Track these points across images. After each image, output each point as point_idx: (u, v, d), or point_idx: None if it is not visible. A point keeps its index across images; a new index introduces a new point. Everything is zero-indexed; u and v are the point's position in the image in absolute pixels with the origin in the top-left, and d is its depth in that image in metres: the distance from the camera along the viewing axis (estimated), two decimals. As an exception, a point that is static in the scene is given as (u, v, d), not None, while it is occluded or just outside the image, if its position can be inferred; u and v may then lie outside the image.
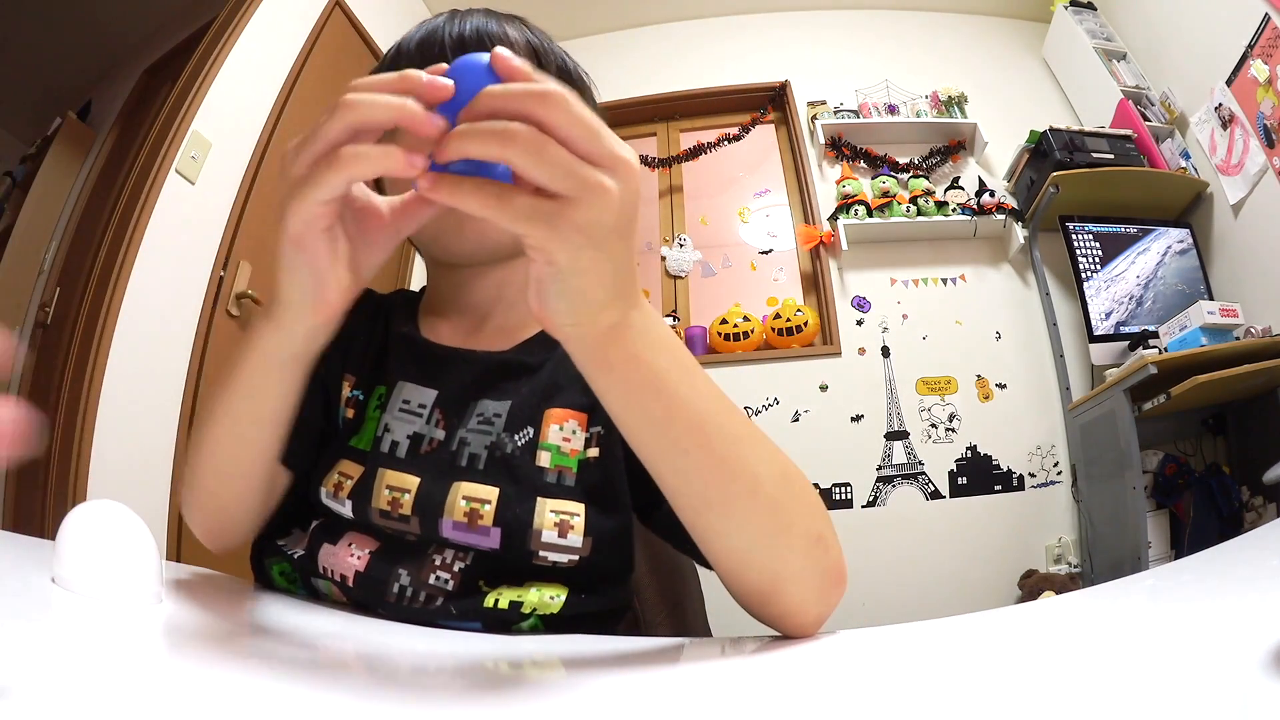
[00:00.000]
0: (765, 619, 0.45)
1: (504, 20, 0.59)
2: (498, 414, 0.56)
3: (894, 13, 3.13)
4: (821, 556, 0.44)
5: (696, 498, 0.42)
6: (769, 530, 0.42)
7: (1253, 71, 2.17)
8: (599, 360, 0.38)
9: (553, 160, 0.30)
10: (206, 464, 0.50)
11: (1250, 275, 2.30)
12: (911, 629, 0.42)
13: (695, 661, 0.42)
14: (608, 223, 0.32)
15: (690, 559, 0.52)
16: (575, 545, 0.52)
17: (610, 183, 0.31)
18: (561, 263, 0.33)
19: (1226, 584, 0.45)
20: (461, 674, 0.37)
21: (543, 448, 0.55)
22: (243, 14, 1.82)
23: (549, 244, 0.32)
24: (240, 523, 0.54)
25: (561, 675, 0.40)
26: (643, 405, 0.39)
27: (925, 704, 0.28)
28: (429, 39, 0.57)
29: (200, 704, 0.24)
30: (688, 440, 0.40)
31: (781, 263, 2.84)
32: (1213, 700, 0.23)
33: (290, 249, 0.37)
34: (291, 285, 0.40)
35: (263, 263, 1.81)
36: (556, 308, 0.35)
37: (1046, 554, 2.41)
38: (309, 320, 0.41)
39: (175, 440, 1.53)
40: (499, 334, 0.62)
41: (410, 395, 0.56)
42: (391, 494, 0.52)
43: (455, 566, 0.52)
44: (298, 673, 0.32)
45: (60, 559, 0.35)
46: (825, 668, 0.38)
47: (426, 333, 0.62)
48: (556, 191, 0.31)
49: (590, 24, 3.09)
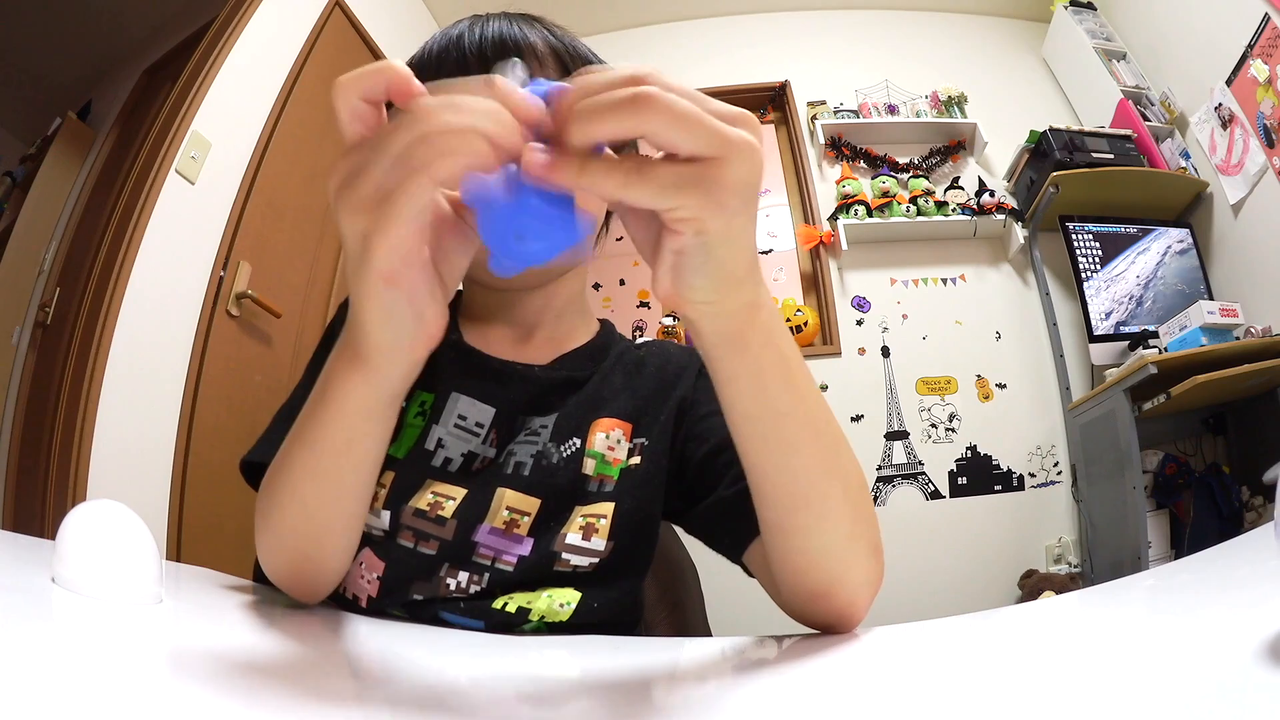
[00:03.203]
0: (809, 616, 0.45)
1: (523, 23, 0.57)
2: (544, 425, 0.56)
3: (894, 13, 3.12)
4: (876, 564, 0.44)
5: (797, 496, 0.41)
6: (847, 533, 0.42)
7: (1253, 71, 2.17)
8: (735, 341, 0.35)
9: (696, 120, 0.27)
10: (293, 523, 0.44)
11: (1250, 275, 2.30)
12: (911, 629, 0.42)
13: (696, 662, 0.42)
14: (755, 182, 0.30)
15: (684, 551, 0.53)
16: (598, 549, 0.53)
17: (750, 137, 0.29)
18: (714, 230, 0.30)
19: (1226, 584, 0.45)
20: (469, 673, 0.37)
21: (588, 455, 0.55)
22: (243, 14, 1.82)
23: (703, 210, 0.29)
24: (337, 570, 0.48)
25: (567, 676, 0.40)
26: (771, 393, 0.38)
27: (925, 704, 0.28)
28: (450, 48, 0.55)
29: (200, 704, 0.24)
30: (802, 435, 0.39)
31: (781, 263, 2.84)
32: (1212, 700, 0.23)
33: (382, 288, 0.32)
34: (386, 328, 0.34)
35: (263, 263, 1.81)
36: (695, 284, 0.32)
37: (1046, 554, 2.41)
38: (409, 359, 0.36)
39: (175, 440, 1.53)
40: (548, 344, 0.61)
41: (467, 411, 0.55)
42: (435, 498, 0.52)
43: (471, 589, 0.51)
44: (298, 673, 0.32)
45: (60, 559, 0.35)
46: (825, 668, 0.38)
47: (473, 340, 0.60)
48: (700, 154, 0.28)
49: (590, 24, 3.09)
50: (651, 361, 0.63)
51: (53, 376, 1.46)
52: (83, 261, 1.62)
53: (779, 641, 0.43)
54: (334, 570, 0.47)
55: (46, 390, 1.47)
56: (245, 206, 1.77)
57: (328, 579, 0.48)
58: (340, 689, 0.30)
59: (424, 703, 0.29)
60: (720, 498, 0.53)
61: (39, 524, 1.33)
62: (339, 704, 0.27)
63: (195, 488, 1.52)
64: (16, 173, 2.52)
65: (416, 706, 0.28)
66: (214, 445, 1.58)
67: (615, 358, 0.63)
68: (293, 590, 0.48)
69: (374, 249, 0.30)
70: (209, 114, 1.69)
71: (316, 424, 0.40)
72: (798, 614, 0.46)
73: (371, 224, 0.30)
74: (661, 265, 0.32)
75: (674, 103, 0.27)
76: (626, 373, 0.62)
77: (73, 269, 1.78)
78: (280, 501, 0.43)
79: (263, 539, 0.45)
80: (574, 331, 0.63)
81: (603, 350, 0.63)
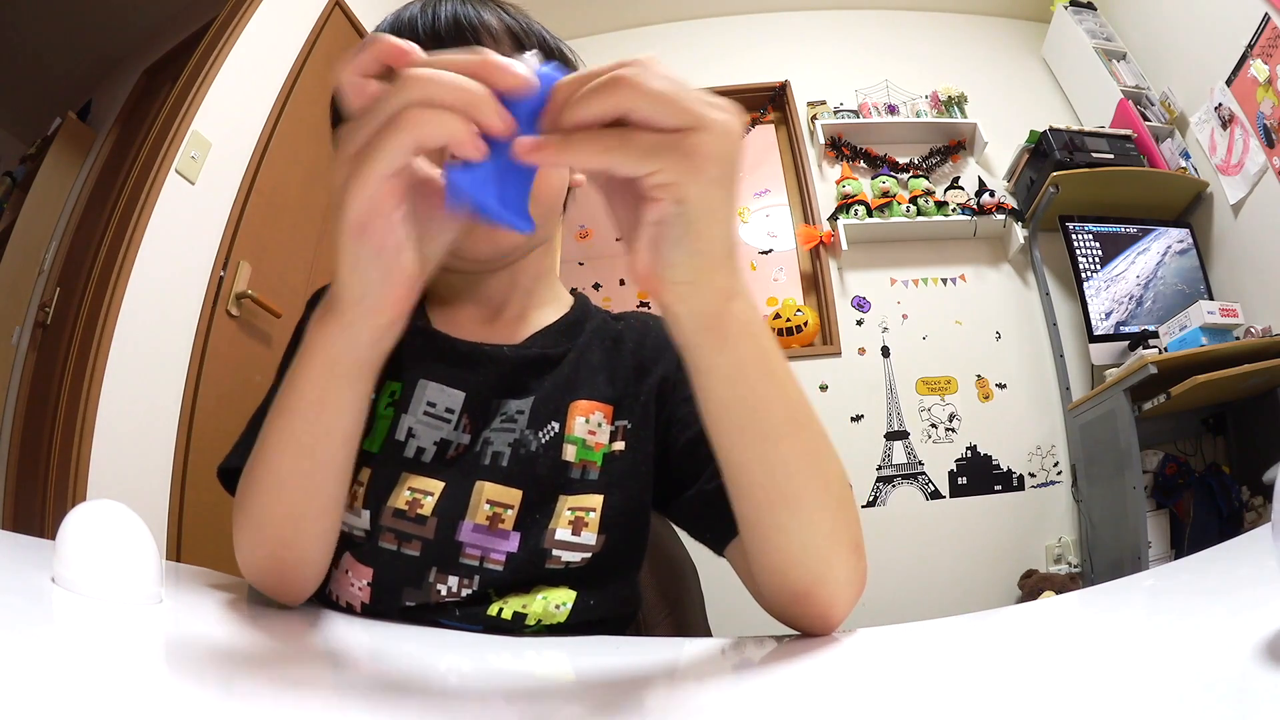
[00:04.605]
0: (790, 617, 0.45)
1: (479, 5, 0.55)
2: (520, 411, 0.54)
3: (894, 13, 3.12)
4: (858, 563, 0.44)
5: (774, 490, 0.40)
6: (826, 531, 0.42)
7: (1253, 71, 2.17)
8: (713, 329, 0.35)
9: (670, 96, 0.29)
10: (272, 507, 0.44)
11: (1250, 275, 2.30)
12: (911, 629, 0.42)
13: (695, 662, 0.42)
14: (733, 155, 0.31)
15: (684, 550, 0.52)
16: (589, 543, 0.52)
17: (727, 115, 0.31)
18: (693, 198, 0.31)
19: (1226, 584, 0.45)
20: (467, 674, 0.37)
21: (568, 441, 0.54)
22: (243, 14, 1.82)
23: (682, 175, 0.30)
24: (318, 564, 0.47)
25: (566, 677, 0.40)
26: (749, 385, 0.37)
27: (926, 704, 0.28)
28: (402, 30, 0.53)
29: (199, 704, 0.24)
30: (782, 429, 0.39)
31: (781, 263, 2.84)
32: (1212, 700, 0.23)
33: (352, 238, 0.34)
34: (354, 280, 0.36)
35: (263, 263, 1.81)
36: (674, 261, 0.32)
37: (1046, 554, 2.41)
38: (376, 318, 0.37)
39: (175, 440, 1.53)
40: (516, 322, 0.60)
41: (436, 398, 0.54)
42: (412, 494, 0.51)
43: (462, 594, 0.50)
44: (297, 672, 0.32)
45: (60, 559, 0.35)
46: (826, 668, 0.38)
47: (440, 325, 0.58)
48: (679, 126, 0.30)
49: (590, 24, 3.09)
50: (630, 336, 0.61)
51: (53, 376, 1.46)
52: (83, 261, 1.62)
53: (779, 641, 0.43)
54: (314, 563, 0.46)
55: (46, 390, 1.47)
56: (245, 206, 1.77)
57: (307, 573, 0.47)
58: (340, 689, 0.30)
59: (423, 703, 0.29)
60: (702, 491, 0.52)
61: (39, 524, 1.33)
62: (339, 704, 0.27)
63: (195, 488, 1.52)
64: (16, 173, 2.52)
65: (416, 707, 0.28)
66: (214, 445, 1.58)
67: (591, 333, 0.61)
68: (273, 587, 0.47)
69: (347, 198, 0.32)
70: (209, 114, 1.69)
71: (290, 389, 0.41)
72: (779, 614, 0.45)
73: (350, 176, 0.32)
74: (640, 239, 0.33)
75: (648, 81, 0.29)
76: (604, 349, 0.60)
77: (73, 269, 1.78)
78: (257, 483, 0.43)
79: (241, 535, 0.45)
80: (545, 308, 0.61)
81: (577, 326, 0.61)
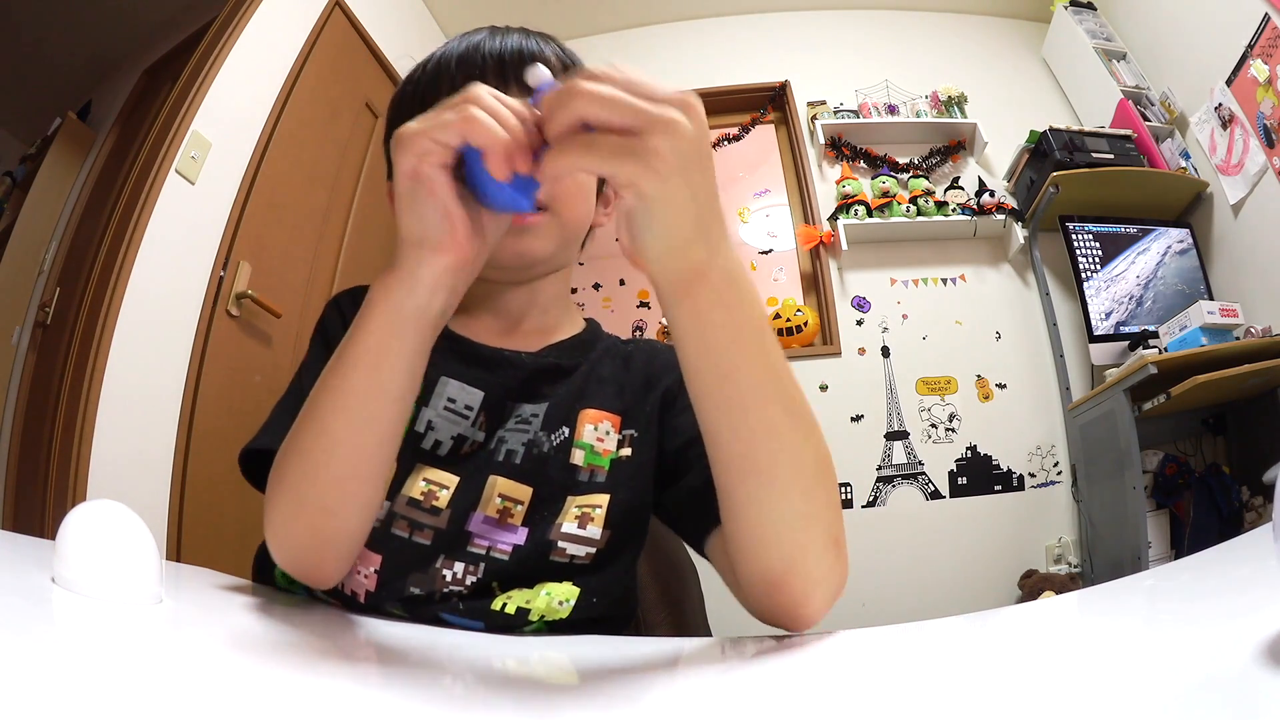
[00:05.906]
0: (766, 610, 0.45)
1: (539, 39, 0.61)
2: (534, 414, 0.57)
3: (894, 13, 3.12)
4: (835, 560, 0.44)
5: (745, 459, 0.42)
6: (801, 512, 0.43)
7: (1253, 71, 2.17)
8: (685, 300, 0.39)
9: (616, 100, 0.34)
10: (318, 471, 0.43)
11: (1250, 275, 2.30)
12: (912, 629, 0.42)
13: (696, 662, 0.42)
14: (684, 150, 0.34)
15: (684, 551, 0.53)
16: (594, 537, 0.54)
17: (676, 114, 0.34)
18: (649, 191, 0.35)
19: (1226, 584, 0.45)
20: (468, 673, 0.37)
21: (577, 446, 0.57)
22: (243, 14, 1.81)
23: (638, 176, 0.34)
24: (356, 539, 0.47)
25: (568, 676, 0.40)
26: (719, 354, 0.40)
27: (926, 704, 0.28)
28: (470, 56, 0.58)
29: (200, 704, 0.24)
30: (752, 398, 0.41)
31: (781, 263, 2.84)
32: (1212, 701, 0.23)
33: (408, 185, 0.39)
34: (413, 220, 0.40)
35: (263, 263, 1.81)
36: (646, 242, 0.37)
37: (1046, 554, 2.41)
38: (436, 258, 0.41)
39: (175, 440, 1.53)
40: (533, 335, 0.63)
41: (456, 395, 0.57)
42: (428, 486, 0.53)
43: (468, 580, 0.52)
44: (298, 672, 0.32)
45: (60, 559, 0.35)
46: (826, 668, 0.38)
47: (460, 329, 0.61)
48: (630, 127, 0.34)
49: (590, 24, 3.09)
50: (639, 356, 0.65)
51: (53, 376, 1.46)
52: (83, 261, 1.62)
53: (778, 641, 0.43)
54: (352, 536, 0.46)
55: (46, 390, 1.47)
56: (245, 206, 1.77)
57: (343, 549, 0.46)
58: (340, 689, 0.30)
59: (424, 703, 0.29)
60: (687, 485, 0.55)
61: (39, 524, 1.33)
62: (339, 704, 0.27)
63: (195, 488, 1.52)
64: (16, 173, 2.52)
65: (419, 706, 0.28)
66: (214, 445, 1.58)
67: (602, 350, 0.65)
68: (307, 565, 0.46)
69: (400, 153, 0.38)
70: (209, 114, 1.69)
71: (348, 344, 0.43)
72: (754, 606, 0.46)
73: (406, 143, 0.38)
74: (620, 227, 0.39)
75: (596, 89, 0.34)
76: (615, 366, 0.64)
77: (73, 269, 1.78)
78: (303, 447, 0.44)
79: (276, 508, 0.44)
80: (560, 324, 0.65)
81: (590, 344, 0.65)
